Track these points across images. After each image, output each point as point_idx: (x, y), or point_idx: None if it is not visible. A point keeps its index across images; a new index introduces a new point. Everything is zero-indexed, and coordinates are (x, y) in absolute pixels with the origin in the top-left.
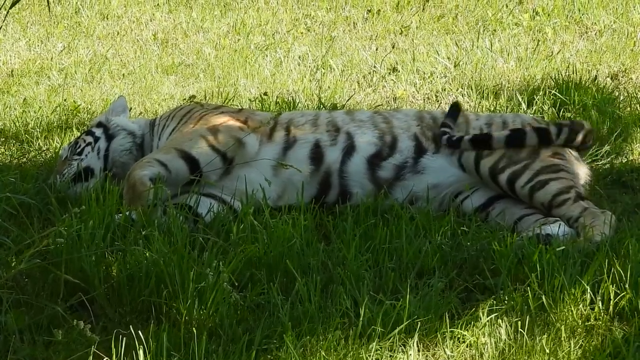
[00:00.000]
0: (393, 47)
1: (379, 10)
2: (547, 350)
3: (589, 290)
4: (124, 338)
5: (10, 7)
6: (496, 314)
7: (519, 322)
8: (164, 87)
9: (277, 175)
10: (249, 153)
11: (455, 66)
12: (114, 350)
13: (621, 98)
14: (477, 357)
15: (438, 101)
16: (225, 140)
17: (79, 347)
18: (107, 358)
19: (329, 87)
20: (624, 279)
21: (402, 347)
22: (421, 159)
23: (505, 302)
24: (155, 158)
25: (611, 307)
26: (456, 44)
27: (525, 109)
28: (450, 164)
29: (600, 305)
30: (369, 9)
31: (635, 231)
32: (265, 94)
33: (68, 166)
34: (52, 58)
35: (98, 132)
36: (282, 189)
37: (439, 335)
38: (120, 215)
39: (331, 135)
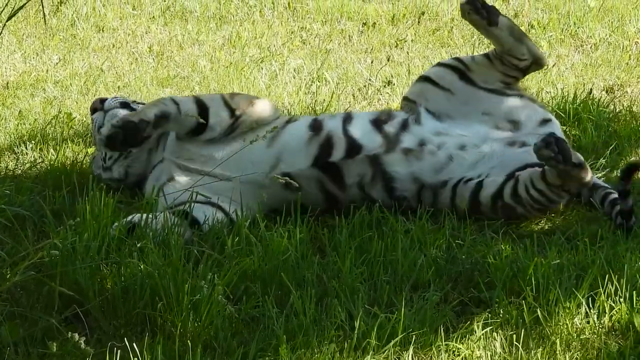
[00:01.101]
0: (388, 60)
1: (375, 23)
2: None
3: (584, 304)
4: (119, 350)
5: (7, 20)
6: (491, 327)
7: (514, 336)
8: None
9: (271, 145)
10: (260, 113)
11: None
12: None
13: (616, 111)
14: None
15: None
16: (239, 101)
17: None
18: None
19: (324, 99)
20: (620, 292)
21: None
22: (419, 115)
23: (500, 315)
24: (171, 98)
25: (606, 321)
26: (452, 57)
27: None
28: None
29: (596, 318)
30: (365, 22)
31: (630, 244)
32: None
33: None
34: (47, 70)
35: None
36: (276, 159)
37: (433, 349)
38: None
39: (329, 115)
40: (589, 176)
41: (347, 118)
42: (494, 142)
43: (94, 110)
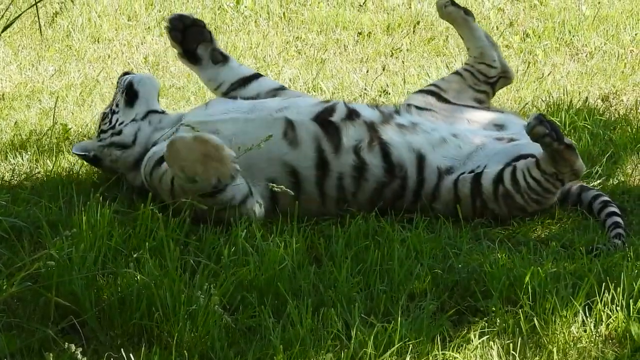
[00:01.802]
0: (384, 70)
1: (370, 32)
2: None
3: (581, 312)
4: None
5: (2, 31)
6: (488, 337)
7: (511, 344)
8: None
9: (284, 99)
10: (304, 96)
11: None
12: None
13: (612, 120)
14: None
15: None
16: None
17: None
18: None
19: None
20: (617, 300)
21: None
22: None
23: (497, 324)
24: None
25: (603, 329)
26: (447, 66)
27: None
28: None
29: (592, 327)
30: (360, 31)
31: (627, 252)
32: None
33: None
34: (43, 81)
35: None
36: (284, 107)
37: (430, 358)
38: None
39: None
40: (580, 162)
41: (348, 103)
42: (483, 137)
43: (123, 74)
